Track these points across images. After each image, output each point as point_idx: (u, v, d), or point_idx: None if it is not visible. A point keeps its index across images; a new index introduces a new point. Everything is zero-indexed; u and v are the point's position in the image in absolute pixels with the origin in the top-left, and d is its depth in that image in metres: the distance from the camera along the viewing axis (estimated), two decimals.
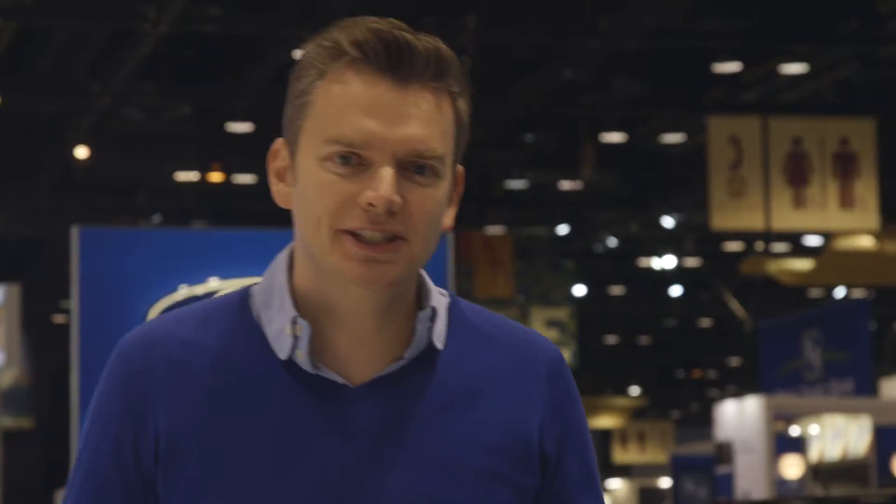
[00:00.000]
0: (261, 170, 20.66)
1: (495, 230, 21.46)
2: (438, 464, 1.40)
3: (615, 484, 35.33)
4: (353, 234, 1.31)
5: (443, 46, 1.41)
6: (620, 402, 35.74)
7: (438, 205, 1.39)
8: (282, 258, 1.44)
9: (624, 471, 37.00)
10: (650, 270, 26.89)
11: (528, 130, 18.40)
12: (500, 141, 17.58)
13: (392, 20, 1.43)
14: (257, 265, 1.83)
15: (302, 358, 1.35)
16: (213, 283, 5.59)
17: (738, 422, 15.55)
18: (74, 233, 5.60)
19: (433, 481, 1.40)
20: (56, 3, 13.37)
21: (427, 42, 1.39)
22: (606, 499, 1.73)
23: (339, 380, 1.37)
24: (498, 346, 1.47)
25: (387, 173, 1.32)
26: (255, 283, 1.46)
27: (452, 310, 1.46)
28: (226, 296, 1.47)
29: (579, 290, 24.02)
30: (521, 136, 18.73)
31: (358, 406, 1.38)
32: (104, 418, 1.40)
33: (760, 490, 14.34)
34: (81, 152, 16.39)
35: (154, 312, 5.32)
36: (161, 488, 1.38)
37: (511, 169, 19.86)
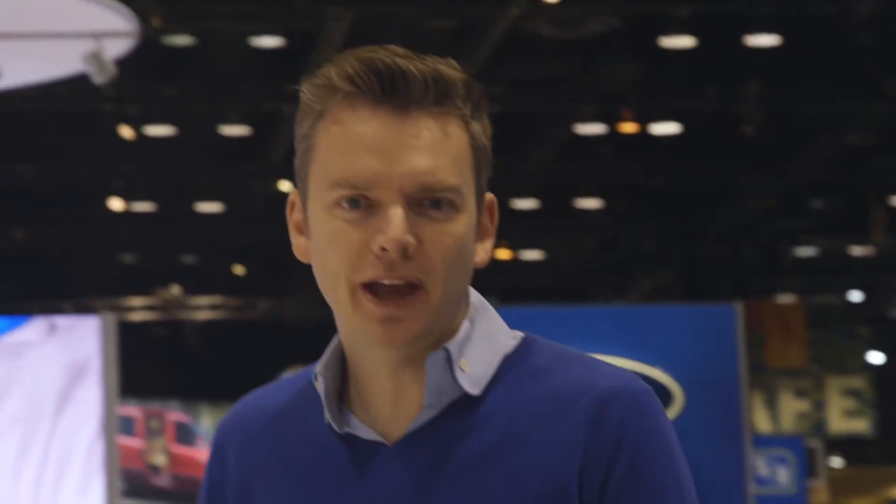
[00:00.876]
0: (548, 246, 20.91)
1: (786, 299, 20.98)
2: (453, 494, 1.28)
3: None
4: (371, 289, 1.22)
5: (444, 67, 1.27)
6: None
7: (459, 240, 1.26)
8: None
9: None
10: None
11: (815, 196, 17.97)
12: (788, 209, 17.26)
13: (390, 46, 1.30)
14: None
15: (327, 418, 1.30)
16: None
17: None
18: None
19: None
20: None
21: (425, 64, 1.26)
22: None
23: (374, 437, 1.31)
24: (545, 386, 1.31)
25: (396, 213, 1.22)
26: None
27: (516, 352, 1.33)
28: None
29: (875, 357, 22.94)
30: (809, 203, 18.31)
31: (392, 464, 1.31)
32: (205, 471, 1.48)
33: None
34: None
35: None
36: None
37: (800, 236, 19.41)
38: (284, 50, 13.52)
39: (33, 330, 8.18)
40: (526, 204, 16.55)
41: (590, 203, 17.63)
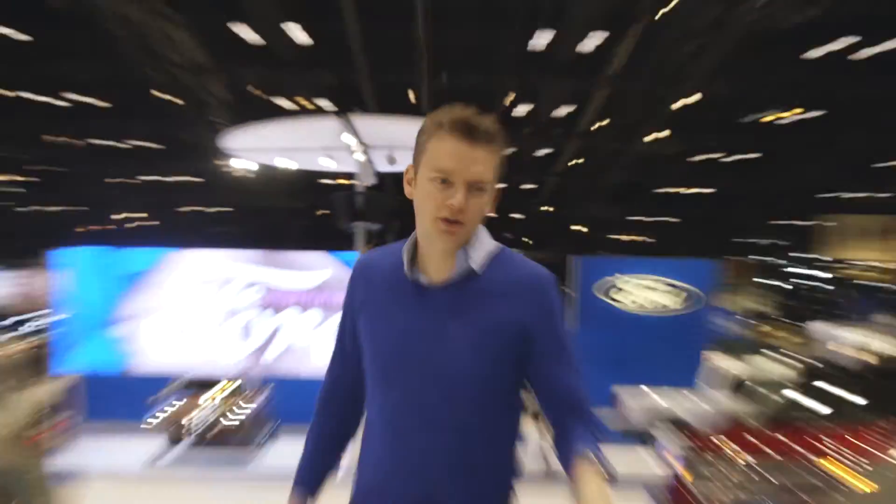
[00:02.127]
0: None
1: None
2: (476, 327, 2.92)
3: None
4: (444, 220, 2.96)
5: (494, 126, 2.95)
6: None
7: (483, 206, 3.00)
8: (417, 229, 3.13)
9: None
10: None
11: None
12: None
13: (472, 108, 2.99)
14: None
15: (407, 271, 3.07)
16: None
17: None
18: None
19: (473, 334, 2.93)
20: None
21: (487, 123, 2.97)
22: None
23: (426, 281, 3.07)
24: (514, 272, 3.01)
25: (460, 191, 2.96)
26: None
27: (499, 253, 3.09)
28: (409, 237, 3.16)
29: None
30: None
31: (435, 296, 3.03)
32: (346, 292, 3.30)
33: None
34: None
35: None
36: (357, 328, 3.17)
37: None
38: None
39: None
40: None
41: None
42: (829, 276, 42.20)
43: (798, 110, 25.59)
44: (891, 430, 7.46)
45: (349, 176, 22.41)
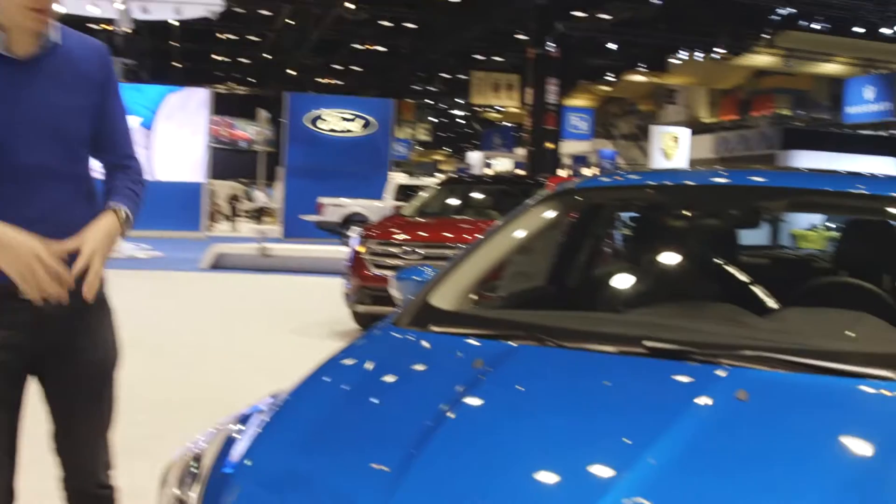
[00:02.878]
0: None
1: None
2: (71, 90, 2.22)
3: None
4: (33, 9, 2.07)
5: None
6: None
7: None
8: None
9: None
10: None
11: None
12: None
13: None
14: None
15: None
16: None
17: None
18: None
19: (71, 97, 2.22)
20: None
21: None
22: None
23: (10, 55, 2.12)
24: (81, 40, 2.29)
25: None
26: None
27: (62, 27, 2.23)
28: None
29: None
30: None
31: (26, 67, 2.15)
32: None
33: None
34: None
35: None
36: None
37: None
38: None
39: None
40: None
41: None
42: (467, 113, 48.58)
43: None
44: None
45: (110, 21, 22.07)
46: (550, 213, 3.08)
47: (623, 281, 3.17)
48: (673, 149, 30.51)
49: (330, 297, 10.86)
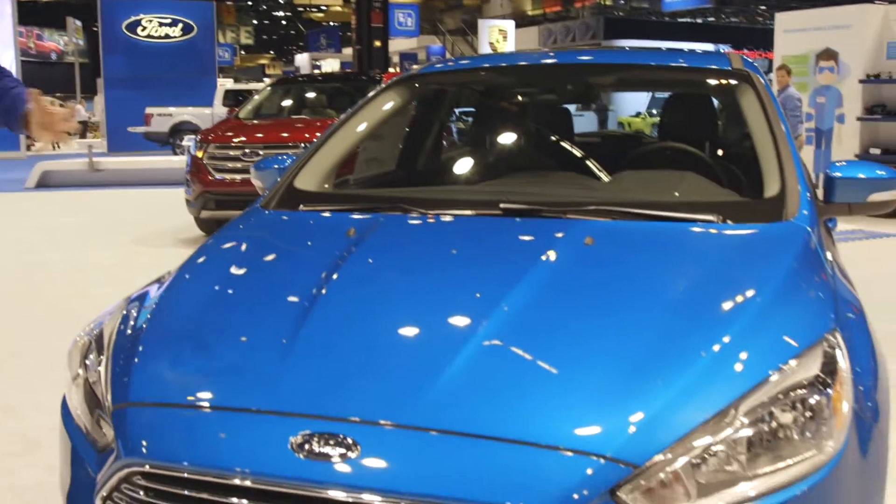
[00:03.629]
0: None
1: None
2: None
3: None
4: None
5: None
6: None
7: None
8: None
9: None
10: None
11: None
12: None
13: None
14: None
15: None
16: None
17: None
18: None
19: None
20: None
21: None
22: None
23: None
24: None
25: None
26: None
27: None
28: None
29: None
30: None
31: None
32: None
33: None
34: None
35: None
36: None
37: None
38: None
39: None
40: None
41: None
42: (290, 14, 47.09)
43: None
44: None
45: None
46: (394, 100, 3.24)
47: (470, 159, 3.40)
48: (501, 43, 30.92)
49: (168, 207, 10.70)
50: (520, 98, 3.69)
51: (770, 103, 2.80)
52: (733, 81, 3.00)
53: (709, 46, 30.00)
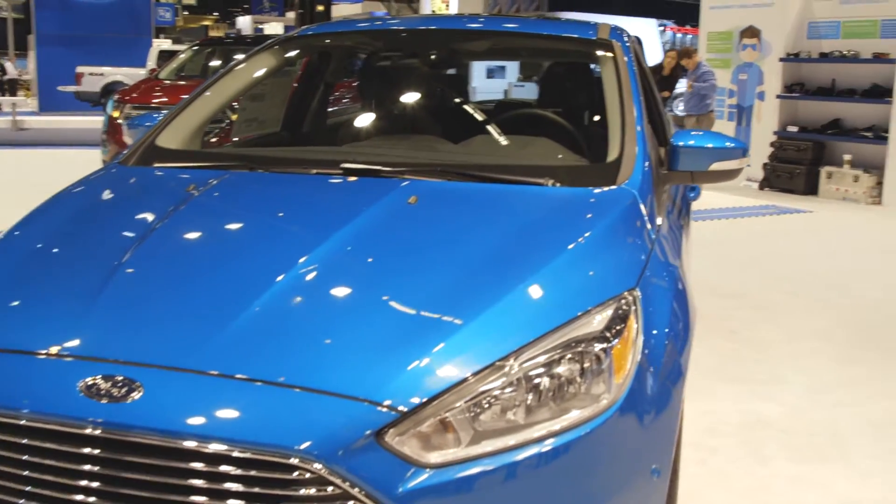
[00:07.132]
0: None
1: None
2: None
3: None
4: None
5: None
6: None
7: None
8: None
9: None
10: None
11: None
12: None
13: None
14: None
15: None
16: None
17: None
18: None
19: None
20: None
21: None
22: None
23: None
24: None
25: None
26: None
27: None
28: None
29: None
30: None
31: None
32: None
33: None
34: None
35: None
36: None
37: None
38: None
39: None
40: None
41: None
42: None
43: None
44: None
45: None
46: (275, 59, 3.29)
47: (350, 122, 3.47)
48: (444, 9, 30.77)
49: (92, 168, 10.54)
50: (397, 59, 3.75)
51: (625, 73, 2.89)
52: (596, 51, 3.08)
53: (652, 21, 30.17)
